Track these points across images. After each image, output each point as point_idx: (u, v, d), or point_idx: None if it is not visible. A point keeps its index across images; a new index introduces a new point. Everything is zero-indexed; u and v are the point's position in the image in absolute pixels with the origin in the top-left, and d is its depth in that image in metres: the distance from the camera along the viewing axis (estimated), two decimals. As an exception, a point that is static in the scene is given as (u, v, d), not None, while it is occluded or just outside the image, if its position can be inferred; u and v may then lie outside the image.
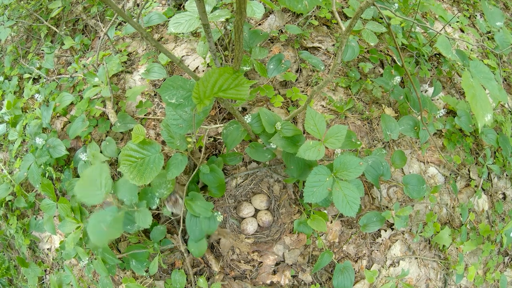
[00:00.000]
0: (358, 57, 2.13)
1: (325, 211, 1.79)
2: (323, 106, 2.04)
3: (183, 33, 2.27)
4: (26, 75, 2.46)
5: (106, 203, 1.87)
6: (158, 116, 2.08)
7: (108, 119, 2.04)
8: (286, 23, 2.24)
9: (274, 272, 1.81)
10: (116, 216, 1.30)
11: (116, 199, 1.71)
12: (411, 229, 1.91)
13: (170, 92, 1.18)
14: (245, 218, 1.88)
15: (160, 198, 1.59)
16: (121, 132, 2.07)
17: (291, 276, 1.80)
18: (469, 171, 2.11)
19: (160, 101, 2.12)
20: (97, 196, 1.29)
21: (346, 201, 1.27)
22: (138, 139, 1.40)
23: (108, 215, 1.30)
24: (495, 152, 2.19)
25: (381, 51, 2.20)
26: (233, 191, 1.91)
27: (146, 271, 1.83)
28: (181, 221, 1.65)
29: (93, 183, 1.29)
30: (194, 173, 1.69)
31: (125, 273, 1.91)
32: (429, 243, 1.95)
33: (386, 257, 1.85)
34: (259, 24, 2.26)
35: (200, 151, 1.90)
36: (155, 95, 2.15)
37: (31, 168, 1.90)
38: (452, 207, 2.02)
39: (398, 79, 1.87)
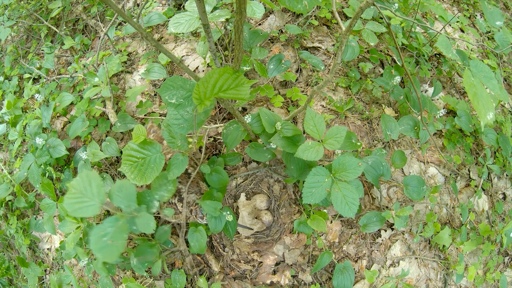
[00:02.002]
0: (358, 57, 2.13)
1: (325, 211, 1.79)
2: (323, 106, 2.04)
3: (183, 33, 2.27)
4: (26, 75, 2.46)
5: (107, 203, 1.86)
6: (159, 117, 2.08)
7: (108, 119, 2.04)
8: (286, 23, 2.24)
9: (274, 272, 1.81)
10: (118, 226, 1.18)
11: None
12: (411, 229, 1.91)
13: (170, 92, 1.18)
14: (245, 218, 1.88)
15: (160, 200, 1.58)
16: (121, 132, 2.07)
17: (291, 276, 1.80)
18: (469, 171, 2.11)
19: (160, 102, 2.12)
20: (91, 207, 1.17)
21: (345, 202, 1.27)
22: (139, 139, 1.40)
23: (108, 227, 1.18)
24: (495, 152, 2.19)
25: (381, 51, 2.20)
26: (233, 191, 1.91)
27: (147, 271, 1.83)
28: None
29: (84, 193, 1.18)
30: (195, 172, 1.69)
31: (125, 273, 1.91)
32: (429, 243, 1.95)
33: (386, 257, 1.85)
34: (259, 24, 2.26)
35: (200, 151, 1.90)
36: (155, 95, 2.15)
37: (31, 168, 1.90)
38: (452, 207, 2.02)
39: (398, 79, 1.87)
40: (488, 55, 2.45)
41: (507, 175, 2.21)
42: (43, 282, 2.21)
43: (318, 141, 1.38)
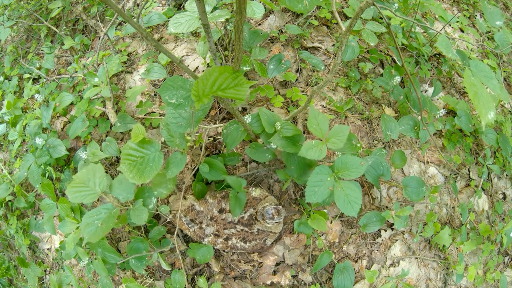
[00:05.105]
0: (358, 57, 2.13)
1: (325, 211, 1.79)
2: (323, 106, 2.04)
3: (183, 33, 2.27)
4: (26, 75, 2.46)
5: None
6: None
7: (108, 119, 2.04)
8: (286, 23, 2.24)
9: (274, 272, 1.81)
10: (111, 213, 1.30)
11: (116, 200, 1.71)
12: (411, 229, 1.91)
13: (170, 92, 1.18)
14: (245, 218, 1.88)
15: (157, 197, 1.59)
16: (121, 132, 2.07)
17: (291, 276, 1.80)
18: (469, 171, 2.11)
19: (160, 102, 2.12)
20: (90, 195, 1.29)
21: (348, 201, 1.27)
22: (137, 138, 1.39)
23: (102, 212, 1.30)
24: (495, 152, 2.19)
25: (381, 51, 2.20)
26: (233, 191, 1.91)
27: (146, 270, 1.83)
28: (177, 221, 1.65)
29: (86, 183, 1.30)
30: (194, 170, 1.69)
31: (125, 273, 1.91)
32: (429, 243, 1.95)
33: (386, 257, 1.85)
34: (259, 24, 2.26)
35: (200, 150, 1.90)
36: (155, 95, 2.15)
37: (31, 168, 1.89)
38: (452, 207, 2.02)
39: (398, 79, 1.87)
40: (488, 55, 2.45)
41: (507, 175, 2.21)
42: (43, 282, 2.21)
43: (321, 140, 1.39)
